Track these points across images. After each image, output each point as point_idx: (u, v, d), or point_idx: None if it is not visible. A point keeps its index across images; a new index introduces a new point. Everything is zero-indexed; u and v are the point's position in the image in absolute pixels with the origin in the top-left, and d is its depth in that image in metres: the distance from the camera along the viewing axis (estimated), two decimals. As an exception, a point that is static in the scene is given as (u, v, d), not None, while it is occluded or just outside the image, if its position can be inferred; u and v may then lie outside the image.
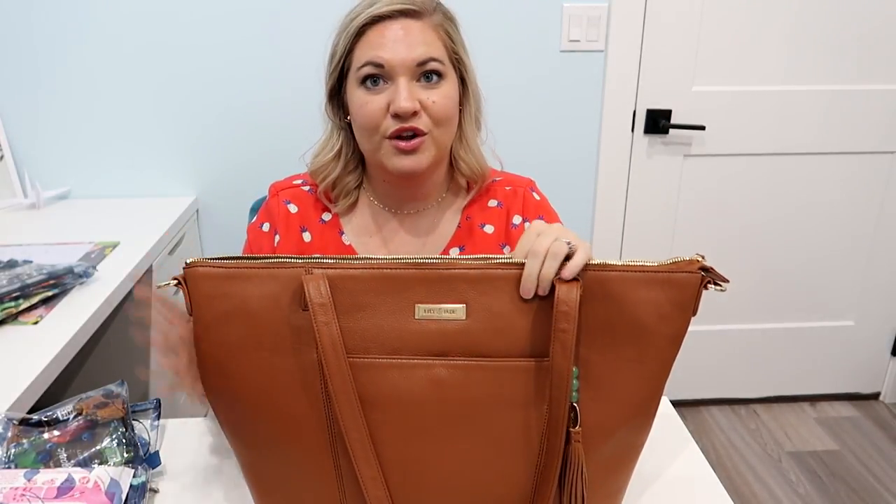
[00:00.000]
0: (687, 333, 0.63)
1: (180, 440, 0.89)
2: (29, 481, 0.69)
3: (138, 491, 0.74)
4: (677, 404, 1.06)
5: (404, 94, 0.82)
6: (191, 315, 0.65)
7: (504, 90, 1.76)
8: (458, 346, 0.63)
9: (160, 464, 0.81)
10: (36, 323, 1.08)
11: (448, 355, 0.63)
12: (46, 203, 1.72)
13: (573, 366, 0.61)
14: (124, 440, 0.78)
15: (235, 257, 0.64)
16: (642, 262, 0.62)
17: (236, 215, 1.69)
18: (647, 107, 1.83)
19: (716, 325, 2.09)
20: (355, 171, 0.94)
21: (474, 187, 0.95)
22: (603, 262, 0.62)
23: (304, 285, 0.61)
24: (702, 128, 1.83)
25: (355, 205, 0.96)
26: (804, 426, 2.09)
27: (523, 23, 1.71)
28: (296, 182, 0.98)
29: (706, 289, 0.62)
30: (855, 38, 1.79)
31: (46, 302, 1.14)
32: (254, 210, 1.36)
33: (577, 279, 0.61)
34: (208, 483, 0.81)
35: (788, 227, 1.99)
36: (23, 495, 0.67)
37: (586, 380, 0.64)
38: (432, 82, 0.85)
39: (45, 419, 0.78)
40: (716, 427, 2.09)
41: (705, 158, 1.90)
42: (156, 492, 0.79)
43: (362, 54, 0.84)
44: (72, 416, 0.79)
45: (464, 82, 0.90)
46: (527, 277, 0.62)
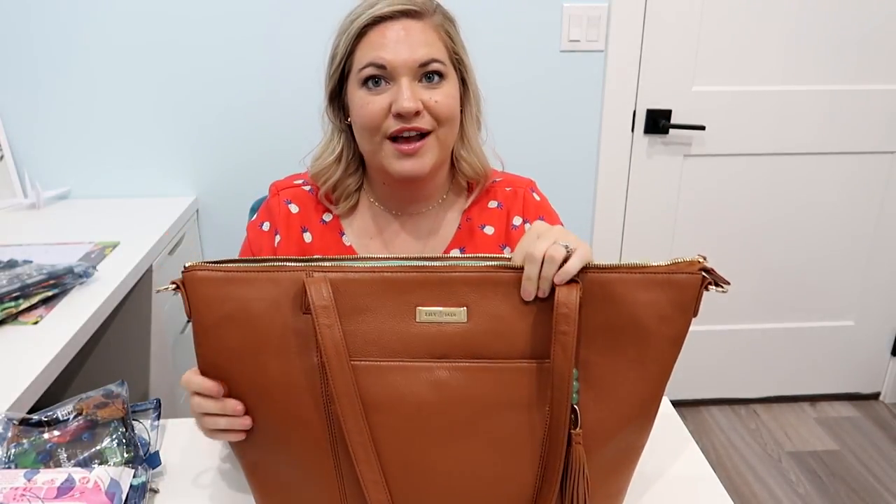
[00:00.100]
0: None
1: (180, 440, 0.89)
2: (29, 481, 0.69)
3: (138, 491, 0.74)
4: (677, 404, 1.06)
5: (407, 94, 0.82)
6: (189, 319, 0.64)
7: (504, 90, 1.76)
8: (459, 349, 0.63)
9: (160, 464, 0.81)
10: (36, 323, 1.08)
11: (449, 358, 0.63)
12: (46, 203, 1.72)
13: (574, 367, 0.61)
14: (124, 440, 0.78)
15: (234, 260, 0.64)
16: (643, 263, 0.62)
17: (236, 215, 1.69)
18: (647, 107, 1.83)
19: (716, 325, 2.09)
20: (356, 174, 0.94)
21: (476, 188, 0.95)
22: (603, 263, 0.62)
23: (305, 288, 0.61)
24: (702, 128, 1.83)
25: (356, 207, 0.96)
26: (804, 426, 2.09)
27: (523, 23, 1.71)
28: (297, 182, 0.97)
29: (707, 290, 0.62)
30: (855, 38, 1.79)
31: (46, 302, 1.14)
32: (254, 210, 1.36)
33: (576, 281, 0.61)
34: (208, 483, 0.81)
35: (788, 228, 1.99)
36: (23, 495, 0.67)
37: (587, 381, 0.64)
38: (434, 83, 0.85)
39: (46, 419, 0.78)
40: (716, 427, 2.09)
41: (705, 158, 1.90)
42: (156, 492, 0.79)
43: (364, 55, 0.84)
44: (72, 416, 0.79)
45: (464, 83, 0.90)
46: (526, 280, 0.62)
